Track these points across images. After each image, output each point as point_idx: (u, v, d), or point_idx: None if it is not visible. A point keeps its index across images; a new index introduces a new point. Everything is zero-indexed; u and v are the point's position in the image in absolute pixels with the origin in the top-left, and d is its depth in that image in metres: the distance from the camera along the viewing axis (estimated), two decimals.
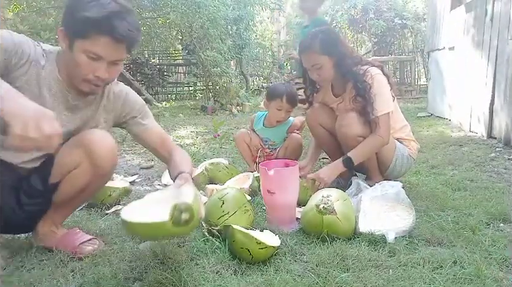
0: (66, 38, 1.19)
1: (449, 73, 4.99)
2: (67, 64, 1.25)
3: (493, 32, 3.60)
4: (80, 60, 1.19)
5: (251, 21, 8.77)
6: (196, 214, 1.07)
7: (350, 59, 1.94)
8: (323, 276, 1.20)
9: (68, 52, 1.21)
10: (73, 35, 1.18)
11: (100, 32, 1.16)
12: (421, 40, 10.43)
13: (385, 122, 1.89)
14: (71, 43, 1.19)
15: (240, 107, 7.35)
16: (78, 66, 1.20)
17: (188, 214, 1.04)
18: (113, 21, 1.15)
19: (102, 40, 1.17)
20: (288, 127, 2.50)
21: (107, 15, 1.14)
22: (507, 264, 1.28)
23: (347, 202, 1.56)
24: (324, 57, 1.90)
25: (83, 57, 1.19)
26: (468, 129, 4.11)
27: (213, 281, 1.20)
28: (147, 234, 1.11)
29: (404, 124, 2.12)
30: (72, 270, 1.27)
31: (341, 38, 2.03)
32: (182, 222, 1.03)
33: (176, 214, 1.03)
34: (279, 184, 1.61)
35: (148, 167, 2.85)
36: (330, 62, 1.92)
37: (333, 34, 2.04)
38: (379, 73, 1.93)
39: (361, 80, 1.90)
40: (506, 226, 1.59)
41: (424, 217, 1.66)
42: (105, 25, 1.15)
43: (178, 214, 1.03)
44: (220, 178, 2.29)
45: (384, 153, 1.99)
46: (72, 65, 1.22)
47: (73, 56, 1.19)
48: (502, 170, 2.53)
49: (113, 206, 1.91)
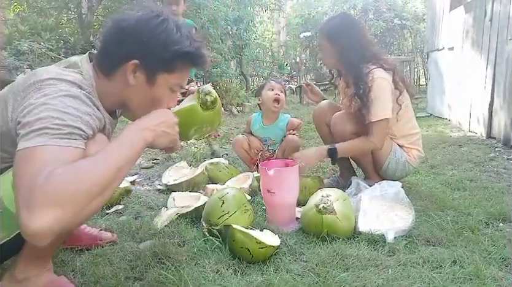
0: (139, 72, 1.03)
1: (449, 73, 5.00)
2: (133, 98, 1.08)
3: (493, 32, 3.60)
4: (162, 95, 1.08)
5: (251, 22, 8.77)
6: (217, 96, 1.24)
7: (358, 53, 1.86)
8: (323, 275, 1.20)
9: (141, 87, 1.05)
10: (157, 69, 1.04)
11: (190, 64, 1.09)
12: (420, 41, 10.43)
13: (379, 128, 1.85)
14: (151, 77, 1.04)
15: (240, 107, 7.35)
16: (159, 101, 1.08)
17: (211, 97, 1.23)
18: (200, 51, 1.08)
19: (187, 70, 1.11)
20: (286, 124, 2.51)
21: (198, 46, 1.07)
22: (506, 263, 1.28)
23: (346, 202, 1.57)
24: (326, 42, 1.91)
25: (166, 92, 1.09)
26: (468, 129, 4.12)
27: (214, 280, 1.20)
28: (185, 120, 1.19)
29: (410, 133, 2.02)
30: (73, 269, 1.27)
31: (355, 30, 1.93)
32: (209, 103, 1.23)
33: (202, 97, 1.22)
34: (279, 184, 1.62)
35: (149, 166, 2.86)
36: (331, 49, 1.90)
37: (347, 23, 1.95)
38: (382, 77, 1.84)
39: (362, 80, 1.83)
40: (505, 226, 1.59)
41: (423, 217, 1.66)
42: (197, 57, 1.08)
43: (203, 96, 1.23)
44: (220, 178, 2.29)
45: (377, 152, 1.97)
46: (149, 101, 1.08)
47: (151, 92, 1.06)
48: (501, 170, 2.53)
49: (113, 205, 1.91)
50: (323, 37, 1.92)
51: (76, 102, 0.92)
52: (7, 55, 4.86)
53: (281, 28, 14.53)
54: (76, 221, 0.81)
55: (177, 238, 1.50)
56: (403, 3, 11.16)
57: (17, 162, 0.81)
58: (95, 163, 0.83)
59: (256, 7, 9.34)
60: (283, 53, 13.02)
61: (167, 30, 1.02)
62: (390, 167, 1.98)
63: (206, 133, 1.46)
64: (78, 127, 0.88)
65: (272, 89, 2.44)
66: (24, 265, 1.10)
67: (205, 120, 1.27)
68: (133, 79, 1.03)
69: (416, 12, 11.10)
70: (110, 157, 0.85)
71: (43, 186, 0.74)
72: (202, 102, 1.22)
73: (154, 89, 1.06)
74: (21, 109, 0.89)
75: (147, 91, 1.06)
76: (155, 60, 1.03)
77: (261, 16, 11.66)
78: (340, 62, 1.94)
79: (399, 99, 1.91)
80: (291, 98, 9.13)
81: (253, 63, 10.69)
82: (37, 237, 0.74)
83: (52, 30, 5.99)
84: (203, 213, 1.59)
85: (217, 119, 1.32)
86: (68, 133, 0.86)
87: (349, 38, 1.87)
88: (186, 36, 1.05)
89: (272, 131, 2.50)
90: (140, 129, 0.95)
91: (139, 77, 1.04)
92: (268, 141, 2.53)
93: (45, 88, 0.90)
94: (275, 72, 11.61)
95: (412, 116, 2.05)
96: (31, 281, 1.10)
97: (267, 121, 2.50)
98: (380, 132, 1.86)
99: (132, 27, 1.02)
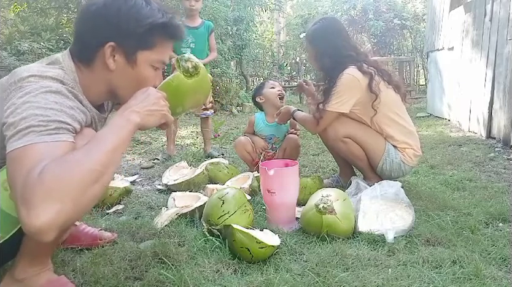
0: (118, 54, 1.00)
1: (448, 73, 5.00)
2: (119, 84, 1.05)
3: (492, 32, 3.61)
4: (147, 74, 1.05)
5: (251, 22, 8.77)
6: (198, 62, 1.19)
7: (333, 56, 1.93)
8: (323, 275, 1.20)
9: (122, 69, 1.02)
10: (136, 47, 1.01)
11: (168, 37, 1.05)
12: (420, 41, 10.44)
13: (328, 118, 1.94)
14: (130, 57, 1.01)
15: (240, 107, 7.36)
16: (143, 82, 1.05)
17: (192, 62, 1.18)
18: (176, 20, 1.05)
19: (167, 45, 1.07)
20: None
21: (172, 17, 1.04)
22: (506, 263, 1.28)
23: (346, 202, 1.57)
24: (308, 44, 2.02)
25: (149, 70, 1.05)
26: (467, 129, 4.12)
27: (214, 280, 1.20)
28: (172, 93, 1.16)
29: (405, 131, 1.99)
30: (73, 269, 1.27)
31: (333, 34, 1.97)
32: (191, 69, 1.17)
33: (182, 64, 1.17)
34: (279, 184, 1.62)
35: (149, 166, 2.86)
36: (311, 50, 2.01)
37: (326, 27, 2.01)
38: (348, 73, 1.88)
39: (333, 78, 1.93)
40: (505, 226, 1.59)
41: (423, 217, 1.67)
42: (173, 27, 1.04)
43: (184, 63, 1.17)
44: (220, 178, 2.29)
45: (371, 154, 1.98)
46: (135, 83, 1.04)
47: (134, 73, 1.03)
48: (501, 170, 2.53)
49: (113, 205, 1.91)
50: (306, 38, 2.04)
51: (58, 97, 0.92)
52: (6, 55, 4.86)
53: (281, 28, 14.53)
54: (79, 210, 0.80)
55: (177, 238, 1.50)
56: (402, 3, 11.16)
57: (8, 165, 0.82)
58: (84, 152, 0.82)
59: (256, 7, 9.35)
60: (283, 53, 13.03)
61: (136, 6, 0.99)
62: (385, 167, 1.98)
63: (201, 102, 1.49)
64: (64, 121, 0.88)
65: (273, 87, 2.52)
66: (23, 265, 1.09)
67: (192, 88, 1.21)
68: (113, 63, 1.01)
69: (416, 12, 11.11)
70: (99, 145, 0.85)
71: (38, 183, 0.75)
72: (184, 69, 1.17)
73: (136, 69, 1.03)
74: (5, 110, 0.88)
75: (129, 73, 1.03)
76: (130, 38, 0.99)
77: (261, 16, 11.66)
78: (317, 64, 2.04)
79: (374, 103, 1.89)
80: (291, 98, 9.14)
81: (253, 63, 10.70)
82: (42, 233, 0.74)
83: (52, 30, 5.98)
84: (203, 213, 1.59)
85: (205, 85, 1.28)
86: (55, 129, 0.86)
87: (326, 42, 1.95)
88: (157, 8, 1.02)
89: (276, 128, 2.54)
90: (126, 113, 0.94)
91: (119, 60, 1.01)
92: (273, 139, 2.55)
93: (26, 86, 0.90)
94: (275, 72, 11.62)
95: (403, 116, 2.00)
96: (31, 281, 1.09)
97: (271, 119, 2.53)
98: (327, 121, 1.96)
99: (100, 9, 0.99)
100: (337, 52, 1.95)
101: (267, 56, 12.62)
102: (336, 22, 2.07)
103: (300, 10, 13.21)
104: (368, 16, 10.36)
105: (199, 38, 3.05)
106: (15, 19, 6.21)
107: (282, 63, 11.94)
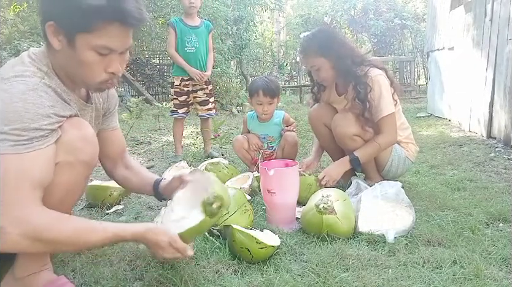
0: (61, 35, 0.97)
1: (449, 73, 5.00)
2: (66, 65, 1.03)
3: (493, 32, 3.60)
4: (88, 59, 0.99)
5: (251, 22, 8.77)
6: (223, 195, 1.15)
7: (350, 59, 1.90)
8: (323, 275, 1.20)
9: (67, 51, 0.99)
10: (73, 29, 0.96)
11: (109, 19, 0.95)
12: (420, 40, 10.45)
13: (390, 123, 1.90)
14: (70, 39, 0.97)
15: (240, 107, 7.36)
16: (86, 66, 1.00)
17: (217, 202, 1.12)
18: (121, 3, 0.95)
19: (112, 29, 0.97)
20: (282, 119, 2.53)
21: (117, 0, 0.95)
22: (506, 263, 1.28)
23: (346, 202, 1.57)
24: (321, 59, 1.89)
25: (91, 54, 0.98)
26: (468, 129, 4.12)
27: (214, 280, 1.20)
28: (195, 235, 1.22)
29: (404, 127, 2.09)
30: (73, 269, 1.27)
31: (339, 38, 1.98)
32: (215, 210, 1.12)
33: (208, 208, 1.11)
34: (279, 184, 1.62)
35: (149, 167, 2.86)
36: (328, 63, 1.90)
37: (331, 34, 2.00)
38: (379, 74, 1.90)
39: (361, 82, 1.87)
40: (505, 226, 1.59)
41: (424, 217, 1.66)
42: (114, 10, 0.95)
43: (209, 207, 1.11)
44: (220, 178, 2.28)
45: (380, 153, 1.99)
46: (77, 66, 1.01)
47: (76, 56, 0.98)
48: (502, 170, 2.53)
49: (113, 206, 1.91)
50: (315, 54, 1.90)
51: (35, 95, 0.94)
52: (6, 55, 4.86)
53: (281, 28, 14.54)
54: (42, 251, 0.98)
55: None
56: (403, 3, 11.18)
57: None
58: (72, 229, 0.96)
59: (257, 6, 9.35)
60: (283, 53, 13.03)
61: None
62: (394, 163, 2.02)
63: None
64: (39, 128, 0.92)
65: (260, 104, 2.40)
66: (23, 264, 1.09)
67: (217, 221, 1.27)
68: (58, 43, 0.98)
69: (416, 12, 11.12)
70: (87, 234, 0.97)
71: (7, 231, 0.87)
72: (210, 212, 1.11)
73: (77, 52, 0.98)
74: None
75: (72, 55, 0.99)
76: (68, 19, 0.95)
77: (261, 16, 11.67)
78: (337, 73, 1.95)
79: (394, 94, 1.96)
80: (291, 98, 9.14)
81: (253, 63, 10.70)
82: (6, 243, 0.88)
83: None
84: None
85: (227, 208, 1.31)
86: (28, 140, 0.90)
87: (338, 48, 1.90)
88: None
89: (268, 127, 2.53)
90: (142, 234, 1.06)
91: (63, 40, 0.98)
92: (266, 138, 2.54)
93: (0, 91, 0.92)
94: (275, 72, 11.62)
95: (400, 111, 2.08)
96: (31, 280, 1.09)
97: (262, 119, 2.52)
98: (392, 126, 1.91)
99: None
100: (351, 53, 1.93)
101: (268, 56, 12.63)
102: (330, 29, 2.10)
103: (300, 10, 13.20)
104: (368, 15, 10.37)
105: (201, 38, 3.05)
106: (15, 19, 6.20)
107: (282, 63, 11.94)
